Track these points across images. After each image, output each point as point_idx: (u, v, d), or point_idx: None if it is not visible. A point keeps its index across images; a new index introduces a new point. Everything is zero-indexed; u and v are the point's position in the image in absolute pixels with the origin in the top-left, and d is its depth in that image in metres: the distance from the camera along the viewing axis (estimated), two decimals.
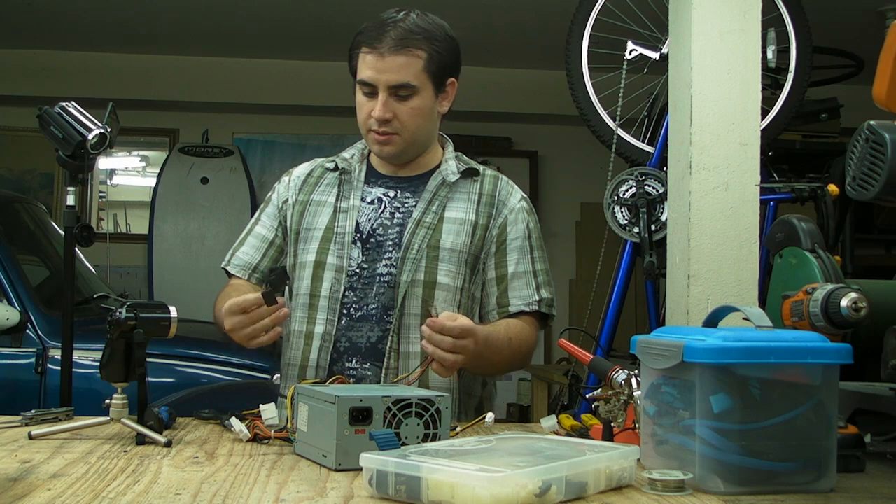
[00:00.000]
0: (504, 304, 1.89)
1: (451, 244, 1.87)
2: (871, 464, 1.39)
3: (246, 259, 1.96)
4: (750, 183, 2.58)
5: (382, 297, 1.84)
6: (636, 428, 1.40)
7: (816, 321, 1.37)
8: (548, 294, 1.92)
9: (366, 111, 1.84)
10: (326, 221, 1.90)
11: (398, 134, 1.85)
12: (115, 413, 1.50)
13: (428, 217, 1.88)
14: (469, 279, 1.89)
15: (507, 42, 5.65)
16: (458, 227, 1.89)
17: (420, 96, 1.83)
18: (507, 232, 1.92)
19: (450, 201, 1.91)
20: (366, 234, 1.88)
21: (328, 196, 1.94)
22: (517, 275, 1.90)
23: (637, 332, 1.57)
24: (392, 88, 1.81)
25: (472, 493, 1.00)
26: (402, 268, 1.84)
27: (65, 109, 2.15)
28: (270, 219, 1.98)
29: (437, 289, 1.84)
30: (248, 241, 1.98)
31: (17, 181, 6.25)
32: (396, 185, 1.93)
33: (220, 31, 5.55)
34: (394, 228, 1.88)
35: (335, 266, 1.86)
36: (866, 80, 1.78)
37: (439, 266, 1.85)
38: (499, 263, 1.91)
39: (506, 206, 1.93)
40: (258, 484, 1.18)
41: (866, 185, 1.34)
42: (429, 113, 1.88)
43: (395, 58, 1.79)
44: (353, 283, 1.85)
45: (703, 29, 2.59)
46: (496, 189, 1.95)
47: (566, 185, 6.59)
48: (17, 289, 3.35)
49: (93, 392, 2.00)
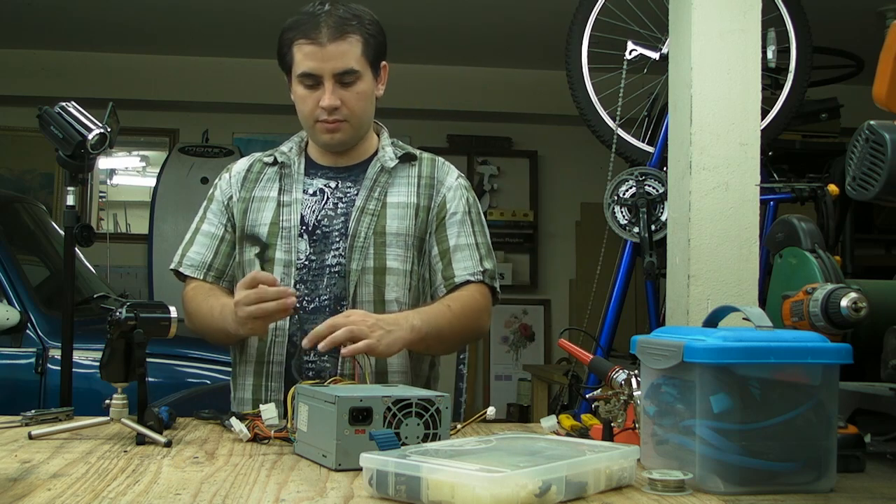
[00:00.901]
0: (449, 276, 1.91)
1: (396, 229, 1.90)
2: (871, 464, 1.39)
3: (198, 259, 1.96)
4: (750, 183, 2.58)
5: (334, 287, 1.86)
6: (636, 428, 1.40)
7: (816, 321, 1.37)
8: (490, 266, 1.95)
9: (310, 103, 1.86)
10: (271, 216, 1.92)
11: (347, 121, 1.87)
12: (115, 413, 1.50)
13: (371, 204, 1.90)
14: (417, 262, 1.92)
15: (507, 42, 5.65)
16: (401, 211, 1.91)
17: (363, 80, 1.86)
18: (446, 208, 1.95)
19: (390, 187, 1.94)
20: (312, 227, 1.90)
21: (270, 191, 1.95)
22: (459, 247, 1.93)
23: (637, 332, 1.57)
24: (337, 76, 1.83)
25: (472, 493, 1.00)
26: (351, 256, 1.86)
27: (65, 109, 2.15)
28: (217, 216, 1.99)
29: (387, 274, 1.87)
30: (197, 241, 1.98)
31: (17, 181, 6.24)
32: (336, 176, 1.95)
33: (220, 31, 5.55)
34: (339, 218, 1.90)
35: (283, 261, 1.88)
36: (866, 80, 1.78)
37: (387, 251, 1.88)
38: (440, 238, 1.93)
39: (443, 185, 1.97)
40: (258, 484, 1.18)
41: (866, 185, 1.34)
42: (371, 97, 1.91)
43: (335, 45, 1.82)
44: (303, 276, 1.87)
45: (703, 29, 2.59)
46: (434, 170, 1.98)
47: (566, 185, 6.59)
48: (17, 289, 3.35)
49: (93, 392, 2.00)
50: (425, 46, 5.62)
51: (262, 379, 1.86)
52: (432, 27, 5.26)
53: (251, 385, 1.88)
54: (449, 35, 5.51)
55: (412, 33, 4.97)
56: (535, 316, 6.59)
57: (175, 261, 1.99)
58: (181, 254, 1.98)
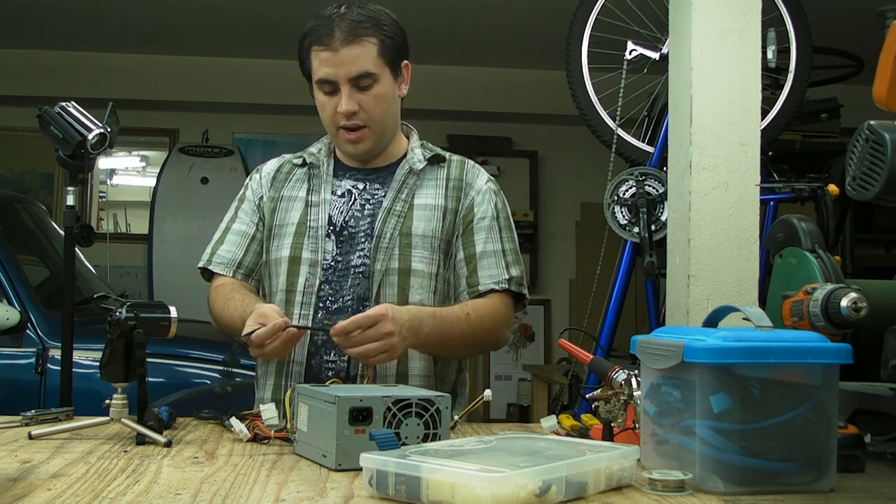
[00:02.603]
0: (474, 283, 1.90)
1: (422, 230, 1.88)
2: (871, 464, 1.39)
3: (228, 256, 1.96)
4: (750, 183, 2.58)
5: (357, 287, 1.85)
6: (636, 428, 1.40)
7: (816, 321, 1.37)
8: (517, 273, 1.92)
9: (330, 109, 1.85)
10: (299, 216, 1.91)
11: (367, 126, 1.86)
12: (115, 413, 1.50)
13: (398, 205, 1.89)
14: (443, 264, 1.90)
15: (507, 42, 5.65)
16: (428, 213, 1.90)
17: (381, 83, 1.84)
18: (474, 212, 1.93)
19: (418, 189, 1.92)
20: (339, 227, 1.89)
21: (298, 191, 1.95)
22: (486, 254, 1.91)
23: (637, 332, 1.57)
24: (353, 80, 1.81)
25: (472, 493, 1.00)
26: (376, 257, 1.84)
27: (65, 109, 2.15)
28: (248, 215, 1.98)
29: (411, 275, 1.85)
30: (227, 239, 1.97)
31: (17, 181, 6.24)
32: (365, 178, 1.94)
33: (220, 31, 5.55)
34: (365, 219, 1.89)
35: (310, 260, 1.87)
36: (866, 80, 1.78)
37: (413, 253, 1.86)
38: (467, 244, 1.91)
39: (472, 188, 1.95)
40: (258, 484, 1.18)
41: (866, 185, 1.34)
42: (391, 99, 1.89)
43: (349, 49, 1.80)
44: (329, 277, 1.86)
45: (703, 29, 2.59)
46: (463, 173, 1.96)
47: (566, 185, 6.59)
48: (17, 289, 3.35)
49: (93, 392, 2.00)
50: (425, 46, 5.60)
51: (283, 379, 1.85)
52: (432, 27, 5.26)
53: (272, 385, 1.87)
54: (449, 35, 5.51)
55: (412, 33, 4.96)
56: (535, 316, 6.60)
57: (204, 259, 1.97)
58: (211, 251, 1.97)
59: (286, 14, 5.16)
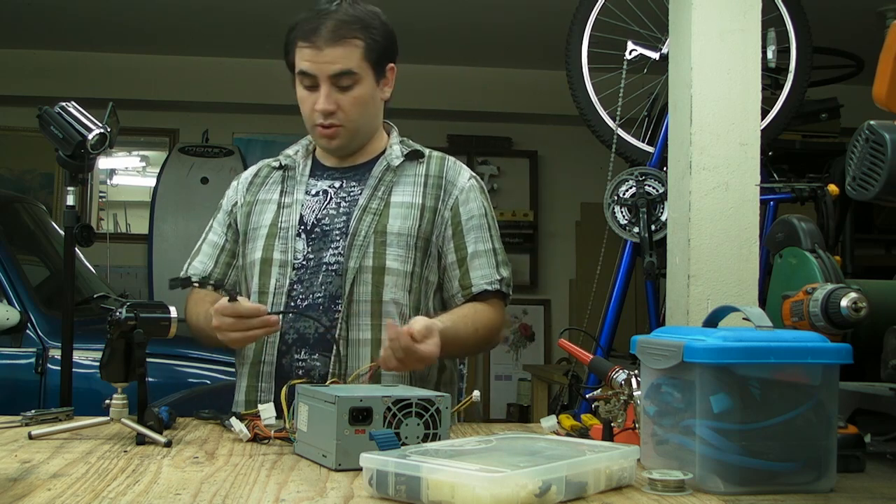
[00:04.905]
0: (467, 284, 1.89)
1: (398, 228, 1.87)
2: (871, 464, 1.39)
3: (200, 268, 2.00)
4: (750, 183, 2.58)
5: (329, 285, 1.84)
6: (636, 428, 1.40)
7: (816, 321, 1.37)
8: (507, 274, 1.93)
9: (309, 105, 1.86)
10: (271, 218, 1.93)
11: (342, 126, 1.86)
12: (115, 413, 1.50)
13: (374, 203, 1.89)
14: (420, 263, 1.88)
15: (507, 42, 5.65)
16: (405, 210, 1.89)
17: (361, 85, 1.84)
18: (460, 213, 1.92)
19: (395, 185, 1.91)
20: (310, 226, 1.89)
21: (273, 194, 1.97)
22: (477, 254, 1.91)
23: (637, 332, 1.57)
24: (333, 78, 1.82)
25: (472, 493, 1.00)
26: (350, 254, 1.84)
27: (65, 109, 2.15)
28: (221, 225, 2.03)
29: (386, 273, 1.85)
30: (202, 250, 2.03)
31: (17, 181, 6.24)
32: (342, 176, 1.95)
33: (220, 31, 5.55)
34: (340, 218, 1.89)
35: (280, 261, 1.88)
36: (866, 80, 1.78)
37: (387, 251, 1.85)
38: (458, 246, 1.91)
39: (455, 186, 1.93)
40: (258, 484, 1.18)
41: (866, 185, 1.34)
42: (371, 101, 1.89)
43: (332, 49, 1.80)
44: (301, 276, 1.86)
45: (703, 29, 2.59)
46: (443, 170, 1.95)
47: (566, 185, 6.58)
48: (17, 289, 3.34)
49: (93, 392, 2.00)
50: (425, 46, 5.62)
51: (255, 380, 1.87)
52: (432, 27, 5.26)
53: (245, 387, 1.89)
54: (449, 35, 5.51)
55: (412, 33, 4.95)
56: (535, 316, 6.59)
57: (184, 269, 2.02)
58: (188, 264, 2.02)
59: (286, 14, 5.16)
